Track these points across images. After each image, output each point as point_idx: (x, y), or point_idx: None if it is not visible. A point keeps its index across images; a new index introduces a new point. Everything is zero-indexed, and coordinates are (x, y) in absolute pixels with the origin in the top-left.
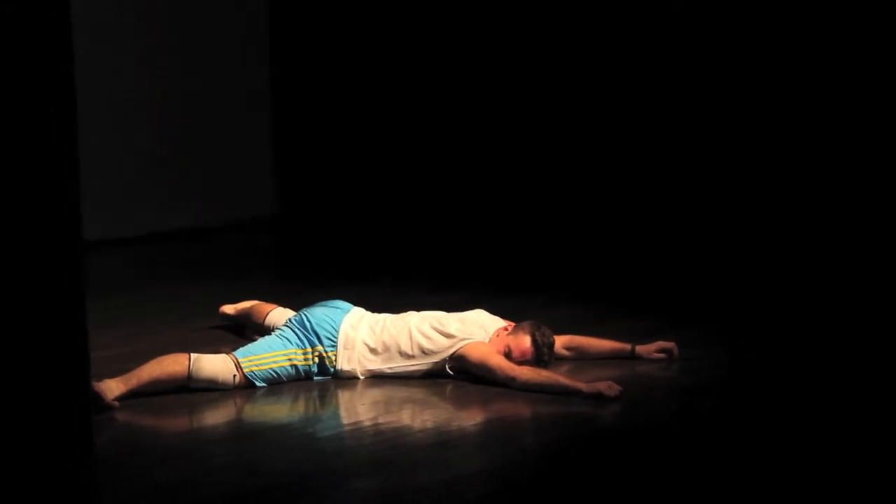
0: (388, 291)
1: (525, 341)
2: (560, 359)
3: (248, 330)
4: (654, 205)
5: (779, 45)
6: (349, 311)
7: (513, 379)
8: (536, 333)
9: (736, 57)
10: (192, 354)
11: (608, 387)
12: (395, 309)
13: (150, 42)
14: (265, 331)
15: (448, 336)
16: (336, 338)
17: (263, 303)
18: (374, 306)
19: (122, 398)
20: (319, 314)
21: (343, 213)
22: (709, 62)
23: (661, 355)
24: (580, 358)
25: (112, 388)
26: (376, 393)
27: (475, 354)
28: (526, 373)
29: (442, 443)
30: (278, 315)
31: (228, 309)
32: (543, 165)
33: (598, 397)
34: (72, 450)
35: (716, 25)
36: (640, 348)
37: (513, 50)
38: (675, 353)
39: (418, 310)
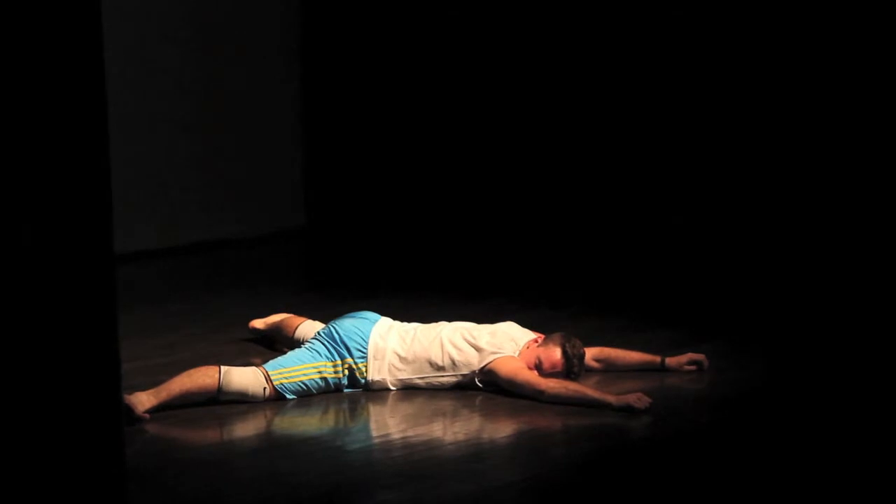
0: (415, 303)
1: (556, 353)
2: (589, 370)
3: (278, 343)
4: (682, 216)
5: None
6: (378, 321)
7: (542, 393)
8: (567, 345)
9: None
10: (223, 367)
11: (638, 399)
12: (424, 321)
13: (181, 55)
14: (295, 344)
15: (478, 349)
16: (366, 349)
17: (293, 316)
18: (403, 318)
19: (153, 411)
20: (348, 326)
21: (373, 225)
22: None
23: (692, 367)
24: (609, 370)
25: (143, 400)
26: (406, 405)
27: (505, 369)
28: (554, 386)
29: (472, 455)
30: (308, 328)
31: (258, 323)
32: (570, 179)
33: (628, 410)
34: (103, 462)
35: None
36: (669, 360)
37: (543, 67)
38: (706, 364)
39: (448, 321)
